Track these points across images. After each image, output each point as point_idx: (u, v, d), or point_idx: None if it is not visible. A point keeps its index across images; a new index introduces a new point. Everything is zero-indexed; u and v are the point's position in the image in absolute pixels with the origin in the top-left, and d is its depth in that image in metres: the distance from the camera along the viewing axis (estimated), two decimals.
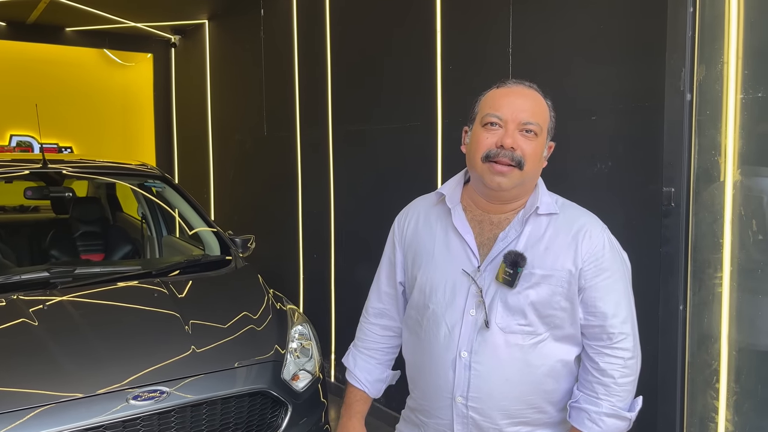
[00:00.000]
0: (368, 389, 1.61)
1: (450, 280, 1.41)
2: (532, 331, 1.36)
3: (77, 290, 2.55)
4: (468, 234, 1.43)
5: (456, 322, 1.39)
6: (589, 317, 1.37)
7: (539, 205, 1.40)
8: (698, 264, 2.13)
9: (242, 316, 2.54)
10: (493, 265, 1.38)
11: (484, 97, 1.44)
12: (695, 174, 2.11)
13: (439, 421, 1.44)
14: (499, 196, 1.41)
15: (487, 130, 1.37)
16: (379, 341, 1.63)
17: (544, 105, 1.44)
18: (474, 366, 1.36)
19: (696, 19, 2.05)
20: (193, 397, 2.11)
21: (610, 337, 1.36)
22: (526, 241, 1.38)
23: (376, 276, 1.66)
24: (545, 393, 1.39)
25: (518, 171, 1.35)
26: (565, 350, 1.39)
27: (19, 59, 6.03)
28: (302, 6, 4.47)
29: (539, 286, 1.35)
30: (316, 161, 4.36)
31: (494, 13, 2.95)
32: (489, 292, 1.37)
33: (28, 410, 1.92)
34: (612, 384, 1.35)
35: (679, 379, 2.16)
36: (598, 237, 1.39)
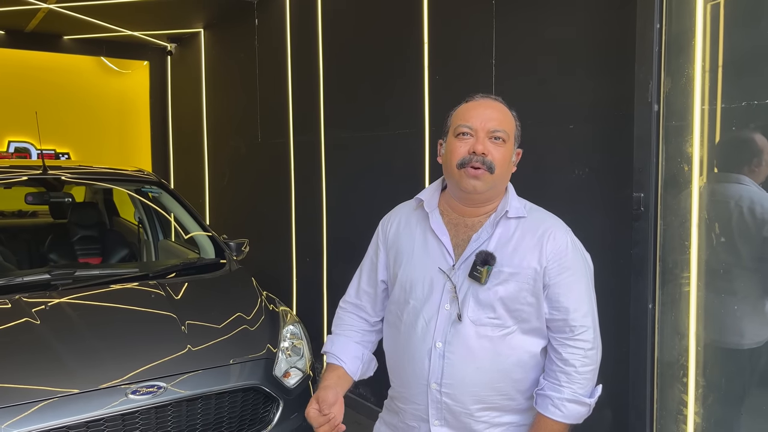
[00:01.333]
0: (346, 364, 1.64)
1: (428, 278, 1.54)
2: (501, 324, 1.48)
3: (77, 292, 2.66)
4: (444, 235, 1.55)
5: (432, 315, 1.51)
6: (553, 312, 1.50)
7: (509, 209, 1.53)
8: (666, 265, 2.25)
9: (236, 316, 2.66)
10: (466, 264, 1.51)
11: (455, 111, 1.58)
12: (663, 180, 2.24)
13: (416, 407, 1.55)
14: (474, 199, 1.54)
15: (460, 140, 1.50)
16: (355, 325, 1.73)
17: (510, 115, 1.57)
18: (447, 355, 1.48)
19: (662, 35, 2.18)
20: (188, 392, 2.22)
21: (572, 329, 1.48)
22: (497, 242, 1.51)
23: (357, 273, 1.78)
24: (513, 381, 1.50)
25: (489, 174, 1.48)
26: (532, 342, 1.51)
27: (17, 67, 6.14)
28: (295, 16, 4.60)
29: (507, 283, 1.48)
30: (309, 167, 4.48)
31: (478, 27, 3.09)
32: (462, 288, 1.50)
33: (31, 404, 2.03)
34: (573, 372, 1.47)
35: (649, 374, 2.28)
36: (561, 238, 1.51)
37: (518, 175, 2.77)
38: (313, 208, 4.45)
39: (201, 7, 5.40)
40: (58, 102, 6.30)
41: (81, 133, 6.52)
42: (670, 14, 2.20)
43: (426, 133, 3.48)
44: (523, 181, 2.83)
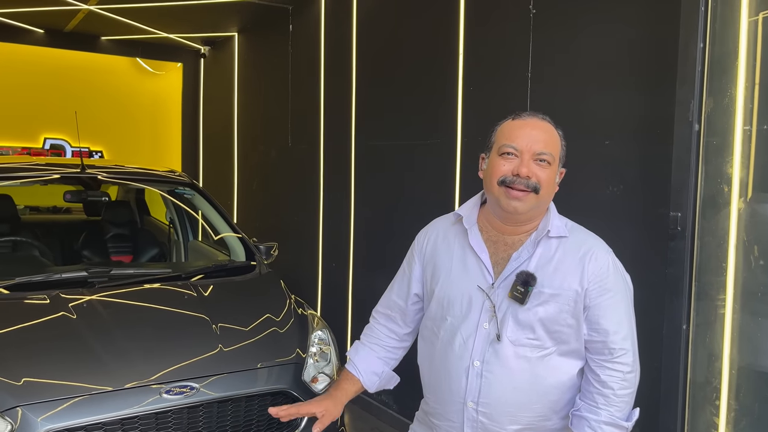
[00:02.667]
0: (362, 377, 1.71)
1: (466, 295, 1.54)
2: (540, 345, 1.48)
3: (113, 289, 2.71)
4: (483, 253, 1.55)
5: (470, 333, 1.51)
6: (593, 333, 1.49)
7: (550, 228, 1.52)
8: (702, 286, 2.23)
9: (266, 319, 2.69)
10: (506, 283, 1.50)
11: (500, 127, 1.57)
12: (701, 200, 2.22)
13: (451, 424, 1.55)
14: (515, 219, 1.53)
15: (504, 159, 1.50)
16: (383, 339, 1.76)
17: (556, 136, 1.56)
18: (485, 375, 1.48)
19: (706, 54, 2.17)
20: (219, 393, 2.25)
21: (611, 352, 1.47)
22: (537, 262, 1.50)
23: (390, 285, 1.79)
24: (550, 402, 1.50)
25: (534, 195, 1.47)
26: (569, 363, 1.51)
27: (55, 65, 6.28)
28: (330, 23, 4.64)
29: (548, 304, 1.47)
30: (338, 174, 4.52)
31: (515, 38, 3.09)
32: (501, 307, 1.49)
33: (66, 399, 2.07)
34: (611, 395, 1.46)
35: (681, 395, 2.26)
36: (603, 259, 1.50)
37: None
38: (340, 214, 4.48)
39: (236, 11, 5.47)
40: (93, 101, 6.43)
41: (114, 132, 6.64)
42: (714, 34, 2.19)
43: (458, 143, 3.49)
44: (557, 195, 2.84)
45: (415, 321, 1.75)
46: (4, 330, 2.33)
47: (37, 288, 2.66)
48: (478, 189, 1.67)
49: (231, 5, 5.15)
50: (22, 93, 6.10)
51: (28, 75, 6.14)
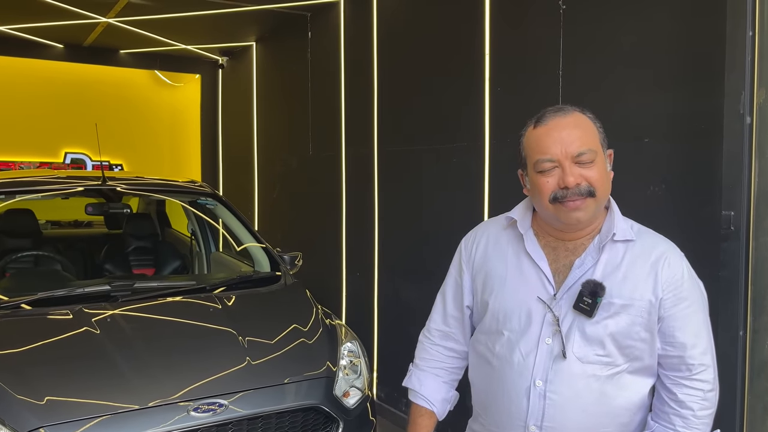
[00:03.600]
0: (437, 408, 1.58)
1: (525, 307, 1.40)
2: (611, 362, 1.34)
3: (136, 303, 2.63)
4: (542, 260, 1.41)
5: (531, 350, 1.37)
6: (668, 347, 1.35)
7: (615, 231, 1.37)
8: (758, 289, 2.10)
9: (294, 330, 2.60)
10: (569, 294, 1.36)
11: (526, 139, 1.41)
12: (756, 197, 2.09)
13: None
14: (577, 227, 1.39)
15: (545, 175, 1.35)
16: (445, 362, 1.61)
17: (588, 122, 1.40)
18: (549, 395, 1.35)
19: (755, 43, 2.04)
20: (249, 411, 2.16)
21: (690, 368, 1.34)
22: (603, 269, 1.36)
23: (441, 297, 1.63)
24: (621, 425, 1.37)
25: (592, 199, 1.33)
26: (642, 382, 1.37)
27: (74, 80, 6.29)
28: (350, 28, 4.57)
29: (618, 316, 1.33)
30: (361, 181, 4.43)
31: (544, 35, 2.98)
32: (566, 320, 1.35)
33: (93, 419, 1.99)
34: (691, 416, 1.33)
35: (739, 406, 2.12)
36: (677, 265, 1.37)
37: None
38: (364, 222, 4.39)
39: (254, 20, 5.43)
40: (112, 114, 6.41)
41: (134, 145, 6.63)
42: (763, 21, 2.06)
43: (486, 146, 3.38)
44: None
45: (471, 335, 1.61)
46: (27, 347, 2.26)
47: (59, 303, 2.59)
48: (508, 193, 1.54)
49: (249, 14, 5.10)
50: (42, 108, 6.11)
51: (48, 90, 6.15)
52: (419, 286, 3.89)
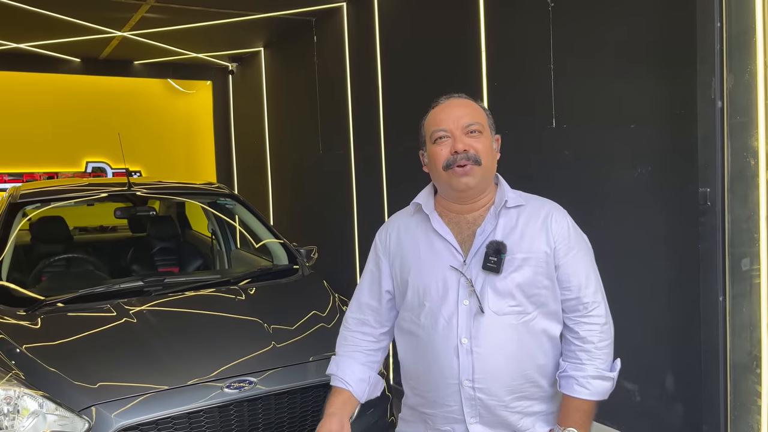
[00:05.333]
0: (352, 388, 1.66)
1: (440, 277, 1.55)
2: (522, 311, 1.51)
3: (168, 297, 2.87)
4: (448, 234, 1.58)
5: (452, 313, 1.52)
6: (565, 292, 1.55)
7: (507, 199, 1.57)
8: (735, 258, 2.29)
9: (313, 316, 2.82)
10: (477, 257, 1.53)
11: (426, 120, 1.63)
12: (729, 174, 2.28)
13: (448, 409, 1.54)
14: (468, 195, 1.57)
15: (439, 144, 1.55)
16: (360, 345, 1.72)
17: (478, 106, 1.61)
18: (475, 350, 1.49)
19: (723, 32, 2.23)
20: (276, 387, 2.38)
21: (585, 306, 1.53)
22: (502, 232, 1.54)
23: (357, 290, 1.76)
24: (538, 367, 1.54)
25: (478, 167, 1.52)
26: (551, 326, 1.55)
27: (92, 92, 6.55)
28: (353, 32, 4.78)
29: (522, 269, 1.51)
30: (370, 177, 4.64)
31: (535, 31, 3.18)
32: (478, 281, 1.51)
33: (137, 397, 2.22)
34: (593, 349, 1.52)
35: (722, 365, 2.31)
36: (562, 221, 1.57)
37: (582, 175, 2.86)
38: (374, 216, 4.60)
39: (261, 27, 5.66)
40: (129, 123, 6.66)
41: (151, 152, 6.88)
42: (730, 13, 2.25)
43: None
44: (586, 181, 2.91)
45: (390, 319, 1.72)
46: (76, 339, 2.50)
47: (98, 299, 2.83)
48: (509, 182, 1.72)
49: (256, 22, 5.33)
50: (62, 120, 6.38)
51: (68, 103, 6.41)
52: None
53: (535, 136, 3.24)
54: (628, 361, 2.76)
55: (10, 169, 6.19)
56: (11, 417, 2.19)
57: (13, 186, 4.08)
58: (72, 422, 2.14)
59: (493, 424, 1.53)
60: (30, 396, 2.20)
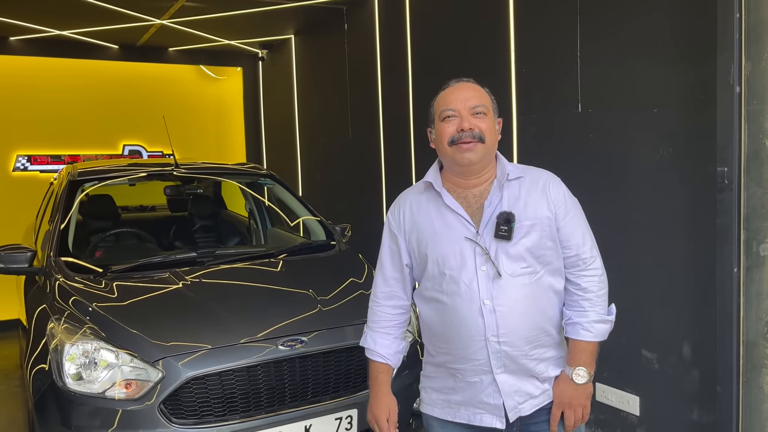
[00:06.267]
0: (391, 361, 1.87)
1: (457, 248, 1.71)
2: (533, 271, 1.69)
3: (219, 266, 3.12)
4: (459, 208, 1.73)
5: (472, 278, 1.68)
6: (566, 250, 1.74)
7: (508, 172, 1.73)
8: (750, 232, 2.48)
9: (353, 284, 3.05)
10: (488, 228, 1.69)
11: (435, 100, 1.79)
12: (746, 155, 2.46)
13: (476, 363, 1.71)
14: (471, 170, 1.73)
15: (447, 122, 1.71)
16: (392, 319, 1.89)
17: (484, 91, 1.78)
18: (497, 308, 1.67)
19: (742, 23, 2.40)
20: (324, 346, 2.62)
21: (584, 261, 1.73)
22: (508, 203, 1.71)
23: (379, 265, 1.92)
24: (549, 318, 1.73)
25: (481, 144, 1.69)
26: (556, 281, 1.74)
27: (128, 78, 6.80)
28: (384, 19, 4.97)
29: (530, 234, 1.69)
30: (399, 160, 4.85)
31: (563, 20, 3.35)
32: (492, 248, 1.68)
33: (205, 351, 2.46)
34: (593, 297, 1.72)
35: (735, 332, 2.51)
36: (558, 189, 1.75)
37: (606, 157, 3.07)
38: None
39: (292, 15, 5.85)
40: (163, 108, 6.89)
41: (183, 136, 7.10)
42: (749, 4, 2.42)
43: (513, 122, 3.77)
44: (610, 163, 3.10)
45: (411, 291, 1.89)
46: (142, 299, 2.76)
47: (156, 268, 3.08)
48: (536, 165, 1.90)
49: (287, 10, 5.53)
50: (100, 105, 6.64)
51: (105, 88, 6.67)
52: None
53: (561, 120, 3.43)
54: (647, 331, 2.98)
55: (52, 151, 6.48)
56: (89, 369, 2.44)
57: (67, 165, 4.34)
58: (146, 372, 2.39)
59: (515, 372, 1.71)
60: (106, 349, 2.45)
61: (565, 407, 1.73)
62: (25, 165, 6.36)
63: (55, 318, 2.64)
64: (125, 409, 2.36)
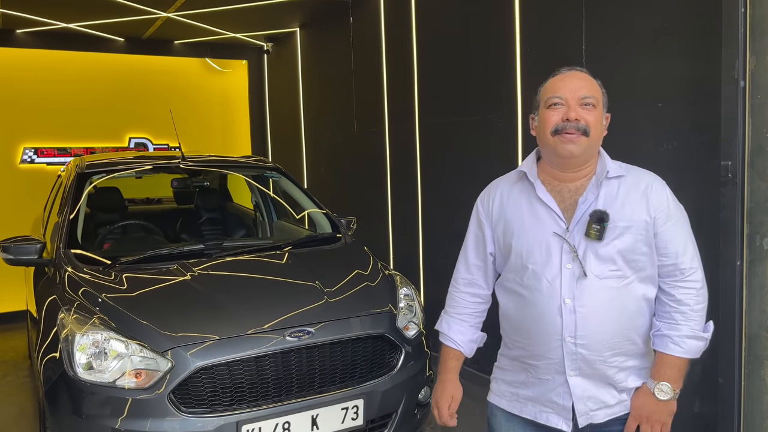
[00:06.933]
0: (463, 349, 1.84)
1: (544, 243, 1.64)
2: (622, 275, 1.60)
3: (227, 258, 3.15)
4: (552, 202, 1.66)
5: (555, 275, 1.62)
6: (663, 258, 1.63)
7: (609, 170, 1.64)
8: (753, 226, 2.49)
9: (359, 277, 3.08)
10: (580, 225, 1.62)
11: (543, 86, 1.71)
12: (750, 149, 2.48)
13: (550, 361, 1.66)
14: (571, 163, 1.65)
15: (552, 110, 1.62)
16: (470, 307, 1.86)
17: (596, 83, 1.69)
18: (578, 309, 1.59)
19: (747, 18, 2.41)
20: (330, 337, 2.65)
21: (683, 272, 1.61)
22: (604, 201, 1.61)
23: (463, 251, 1.88)
24: (635, 327, 1.63)
25: (585, 138, 1.60)
26: (647, 289, 1.64)
27: (134, 71, 6.82)
28: (389, 12, 4.98)
29: (623, 236, 1.59)
30: (404, 153, 4.87)
31: (568, 13, 3.36)
32: (580, 247, 1.61)
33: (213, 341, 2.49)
34: (688, 311, 1.60)
35: (737, 324, 2.53)
36: (662, 192, 1.65)
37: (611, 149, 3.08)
38: (408, 190, 4.84)
39: (298, 8, 5.87)
40: (169, 101, 6.92)
41: (189, 129, 7.11)
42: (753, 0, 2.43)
43: (519, 116, 3.79)
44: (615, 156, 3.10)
45: (494, 280, 1.83)
46: (151, 290, 2.80)
47: (163, 260, 3.12)
48: None
49: (293, 3, 5.54)
50: (106, 98, 6.66)
51: (111, 81, 6.68)
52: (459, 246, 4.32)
53: None
54: None
55: (58, 144, 6.51)
56: (100, 358, 2.48)
57: (75, 157, 4.38)
58: (156, 362, 2.43)
59: (591, 377, 1.64)
60: (116, 339, 2.49)
61: (642, 421, 1.65)
62: (31, 157, 6.40)
63: (65, 308, 2.67)
64: (135, 398, 2.40)
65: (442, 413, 1.83)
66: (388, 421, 2.79)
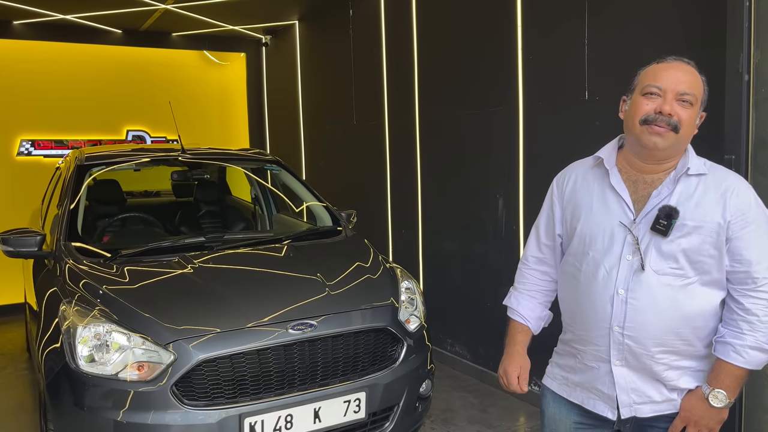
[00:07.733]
0: (531, 324, 1.86)
1: (608, 231, 1.63)
2: (683, 275, 1.56)
3: (227, 251, 3.14)
4: (624, 192, 1.64)
5: (614, 265, 1.61)
6: (736, 264, 1.56)
7: (690, 166, 1.58)
8: None
9: (361, 269, 3.08)
10: (647, 219, 1.59)
11: (645, 70, 1.63)
12: (753, 143, 2.48)
13: (596, 348, 1.66)
14: (653, 156, 1.59)
15: (647, 98, 1.57)
16: (539, 284, 1.87)
17: (700, 79, 1.60)
18: (630, 301, 1.59)
19: (752, 12, 2.41)
20: (333, 330, 2.65)
21: (755, 281, 1.54)
22: (678, 198, 1.57)
23: (534, 229, 1.89)
24: (694, 329, 1.59)
25: (673, 134, 1.54)
26: (712, 293, 1.59)
27: (131, 63, 6.78)
28: (390, 4, 4.96)
29: (690, 236, 1.55)
30: (404, 145, 4.86)
31: (571, 7, 3.35)
32: (644, 240, 1.58)
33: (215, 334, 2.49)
34: (756, 321, 1.54)
35: None
36: (745, 195, 1.57)
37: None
38: (407, 183, 4.83)
39: (297, 1, 5.84)
40: (166, 93, 6.89)
41: (187, 121, 7.06)
42: None
43: (519, 110, 3.78)
44: None
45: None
46: (152, 283, 2.79)
47: (163, 252, 3.11)
48: (542, 151, 1.88)
49: None
50: (104, 90, 6.62)
51: (109, 73, 6.65)
52: (458, 240, 4.34)
53: (568, 107, 3.44)
54: None
55: (56, 136, 6.48)
56: (102, 351, 2.47)
57: (74, 150, 4.35)
58: (158, 354, 2.43)
59: (637, 369, 1.63)
60: (118, 332, 2.48)
61: (689, 424, 1.62)
62: (29, 150, 6.37)
63: (67, 301, 2.66)
64: (137, 390, 2.39)
65: (511, 381, 1.85)
66: (390, 414, 2.79)
